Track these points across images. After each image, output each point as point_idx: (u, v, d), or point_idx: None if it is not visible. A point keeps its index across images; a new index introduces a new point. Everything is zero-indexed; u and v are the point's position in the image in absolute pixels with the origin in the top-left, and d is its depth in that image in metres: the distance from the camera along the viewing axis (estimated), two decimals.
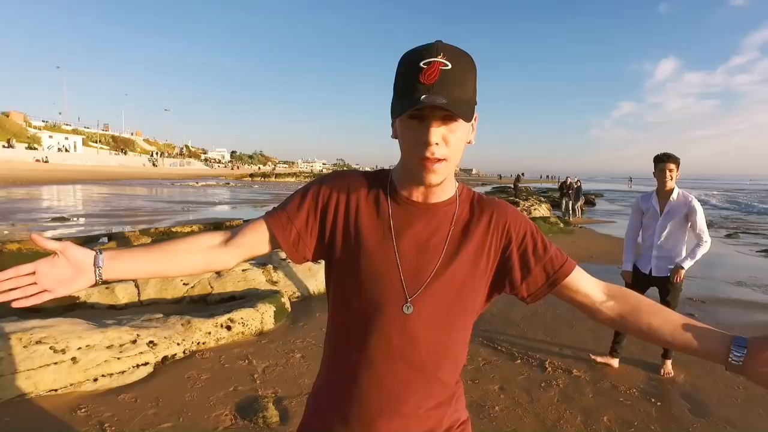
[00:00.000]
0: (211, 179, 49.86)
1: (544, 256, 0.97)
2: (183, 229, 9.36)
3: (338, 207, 0.96)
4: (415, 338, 0.90)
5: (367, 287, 0.91)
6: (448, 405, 0.98)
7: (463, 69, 0.82)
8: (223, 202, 21.97)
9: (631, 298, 0.96)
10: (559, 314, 4.78)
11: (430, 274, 0.91)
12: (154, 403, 2.81)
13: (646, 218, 3.48)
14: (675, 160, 3.30)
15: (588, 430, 2.68)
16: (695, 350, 0.87)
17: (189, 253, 0.96)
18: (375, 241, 0.92)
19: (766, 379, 0.78)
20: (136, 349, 3.19)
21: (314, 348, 3.77)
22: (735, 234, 12.91)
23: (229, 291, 4.91)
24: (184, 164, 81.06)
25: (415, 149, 0.84)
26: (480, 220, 0.96)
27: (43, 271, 0.81)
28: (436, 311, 0.91)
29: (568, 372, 3.44)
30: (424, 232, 0.93)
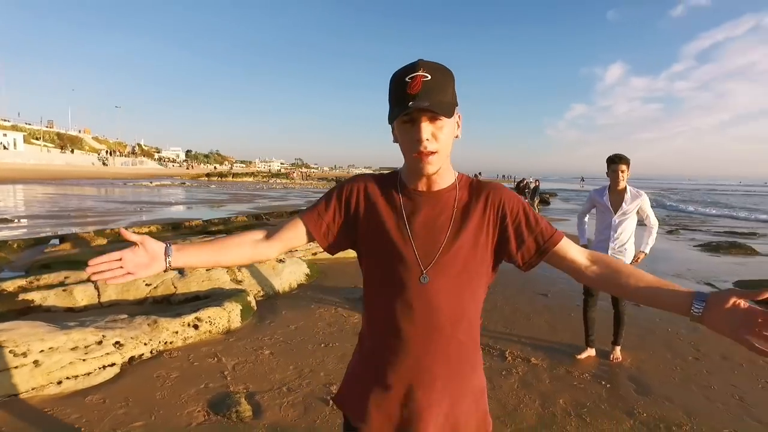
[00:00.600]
0: (165, 179, 48.24)
1: (535, 229, 1.13)
2: (140, 230, 9.10)
3: (359, 202, 1.16)
4: (433, 304, 1.07)
5: (389, 264, 1.09)
6: (469, 366, 1.14)
7: (441, 78, 1.02)
8: (180, 202, 21.37)
9: (611, 263, 1.12)
10: (518, 308, 5.02)
11: (439, 249, 1.08)
12: (123, 403, 2.79)
13: (598, 211, 3.75)
14: (626, 161, 3.54)
15: (546, 412, 2.87)
16: (664, 305, 1.03)
17: (239, 246, 1.16)
18: (391, 226, 1.11)
19: (718, 327, 0.94)
20: (102, 350, 3.14)
21: (282, 345, 3.82)
22: (676, 230, 13.78)
23: (194, 291, 4.86)
24: (137, 163, 77.97)
25: (410, 147, 1.04)
26: (478, 201, 1.13)
27: (128, 257, 1.03)
28: (448, 280, 1.07)
29: (526, 360, 3.64)
30: (430, 215, 1.11)
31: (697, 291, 0.98)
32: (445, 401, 1.10)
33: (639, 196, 3.56)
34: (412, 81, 0.98)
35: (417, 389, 1.09)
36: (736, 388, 3.23)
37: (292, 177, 70.70)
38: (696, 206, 27.27)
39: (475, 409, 1.16)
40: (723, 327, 0.93)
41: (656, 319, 4.66)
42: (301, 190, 38.07)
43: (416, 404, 1.09)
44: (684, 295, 0.99)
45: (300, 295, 5.37)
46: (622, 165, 3.52)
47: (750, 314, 0.89)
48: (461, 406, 1.12)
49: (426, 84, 0.98)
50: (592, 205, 3.85)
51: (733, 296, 0.91)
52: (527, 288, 5.89)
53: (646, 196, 3.61)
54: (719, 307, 0.93)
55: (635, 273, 1.07)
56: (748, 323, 0.89)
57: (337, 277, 6.31)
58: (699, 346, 4.01)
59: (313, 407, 2.83)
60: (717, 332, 0.94)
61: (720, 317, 0.93)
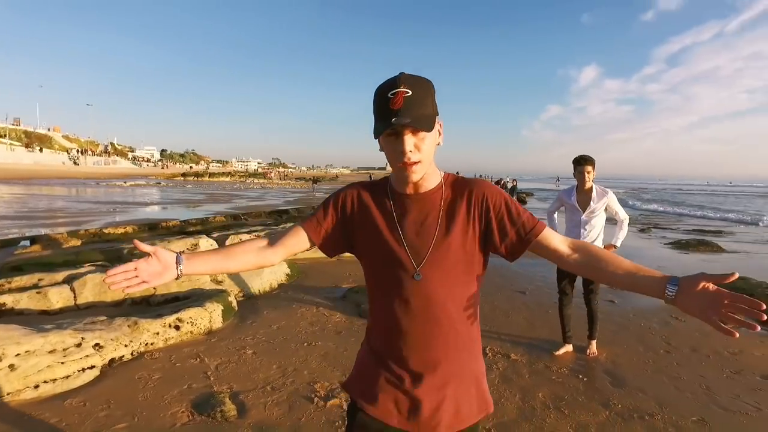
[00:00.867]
0: (140, 179, 47.23)
1: (518, 221, 1.19)
2: (116, 230, 8.91)
3: (354, 208, 1.25)
4: (428, 298, 1.15)
5: (385, 265, 1.18)
6: (468, 351, 1.22)
7: (421, 92, 1.09)
8: (156, 202, 20.96)
9: (592, 250, 1.17)
10: (497, 305, 5.12)
11: (430, 247, 1.16)
12: (105, 405, 2.76)
13: (567, 210, 3.87)
14: (591, 162, 3.65)
15: (526, 406, 2.95)
16: (641, 289, 1.09)
17: (245, 254, 1.25)
18: (384, 229, 1.20)
19: (689, 309, 1.00)
20: (81, 353, 3.09)
21: (265, 344, 3.82)
22: (648, 229, 14.20)
23: (173, 292, 4.80)
24: (110, 163, 76.03)
25: (396, 158, 1.12)
26: (462, 198, 1.20)
27: (142, 267, 1.11)
28: (440, 275, 1.15)
29: (506, 356, 3.73)
30: (419, 216, 1.19)
31: (671, 275, 1.05)
32: (447, 386, 1.18)
33: (605, 195, 3.68)
34: (394, 97, 1.05)
35: (420, 377, 1.17)
36: (703, 378, 3.38)
37: (270, 177, 70.06)
38: (666, 206, 28.09)
39: (476, 392, 1.23)
40: (693, 308, 1.00)
41: (630, 315, 4.82)
42: (278, 190, 37.76)
43: (420, 390, 1.17)
44: (659, 279, 1.05)
45: (281, 295, 5.36)
46: (588, 166, 3.63)
47: (717, 296, 0.96)
48: (462, 389, 1.20)
49: (407, 99, 1.05)
50: (561, 204, 3.96)
51: (703, 280, 0.98)
52: (505, 286, 6.00)
53: (612, 193, 3.73)
54: (690, 290, 1.00)
55: (614, 259, 1.13)
56: (715, 304, 0.96)
57: (318, 277, 6.31)
58: (670, 339, 4.17)
59: (297, 405, 2.85)
60: (688, 313, 1.01)
61: (691, 299, 0.99)
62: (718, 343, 4.11)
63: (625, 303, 5.25)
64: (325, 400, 2.91)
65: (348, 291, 5.53)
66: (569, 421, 2.77)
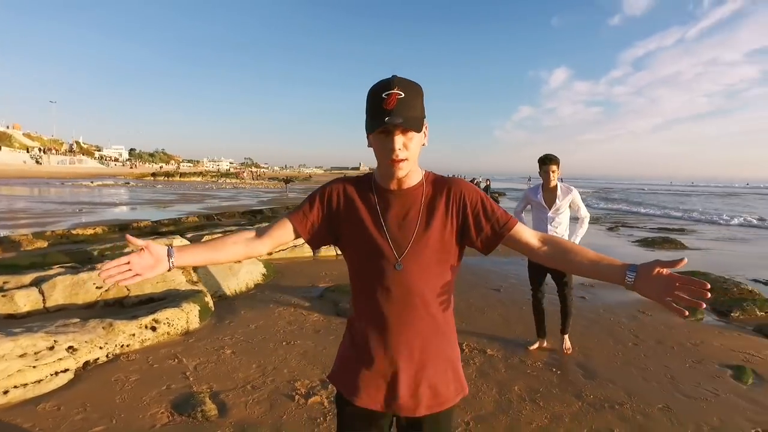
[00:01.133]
0: (108, 178, 45.88)
1: (492, 216, 1.28)
2: (85, 231, 8.66)
3: (339, 202, 1.30)
4: (407, 287, 1.22)
5: (368, 256, 1.25)
6: (444, 337, 1.30)
7: (413, 95, 1.16)
8: (125, 202, 20.40)
9: (559, 243, 1.27)
10: (472, 303, 5.22)
11: (411, 239, 1.23)
12: (80, 408, 2.70)
13: (533, 209, 3.95)
14: (556, 161, 3.75)
15: (502, 399, 3.04)
16: (604, 276, 1.19)
17: (234, 245, 1.30)
18: (368, 222, 1.26)
19: (646, 292, 1.11)
20: (54, 356, 3.02)
21: (244, 344, 3.80)
22: (616, 228, 14.65)
23: (147, 293, 4.72)
24: (75, 162, 73.45)
25: (385, 154, 1.18)
26: (442, 195, 1.28)
27: (135, 260, 1.16)
28: (420, 266, 1.23)
29: (483, 352, 3.82)
30: (401, 210, 1.26)
31: (630, 263, 1.15)
32: (425, 370, 1.25)
33: (570, 192, 3.79)
34: (388, 98, 1.12)
35: (399, 361, 1.24)
36: (668, 369, 3.54)
37: (242, 177, 69.04)
38: (631, 206, 28.99)
39: (452, 376, 1.31)
40: (650, 292, 1.10)
41: (600, 311, 4.99)
42: (251, 190, 37.26)
43: (400, 374, 1.24)
44: (619, 267, 1.16)
45: (258, 295, 5.33)
46: (552, 165, 3.73)
47: (670, 280, 1.06)
48: (440, 373, 1.27)
49: (400, 101, 1.12)
50: (527, 203, 4.04)
51: (657, 266, 1.09)
52: (480, 284, 6.12)
53: (576, 190, 3.85)
54: (647, 276, 1.10)
55: (580, 250, 1.23)
56: (668, 287, 1.06)
57: (294, 277, 6.30)
58: (637, 333, 4.34)
59: (279, 403, 2.86)
60: (646, 296, 1.11)
61: (647, 284, 1.10)
62: (681, 335, 4.31)
63: (595, 299, 5.43)
64: (306, 397, 2.93)
65: (325, 290, 5.54)
66: (544, 412, 2.87)
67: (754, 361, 3.74)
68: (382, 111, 1.12)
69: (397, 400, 1.24)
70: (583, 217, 3.90)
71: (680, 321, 4.77)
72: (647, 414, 2.85)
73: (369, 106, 1.17)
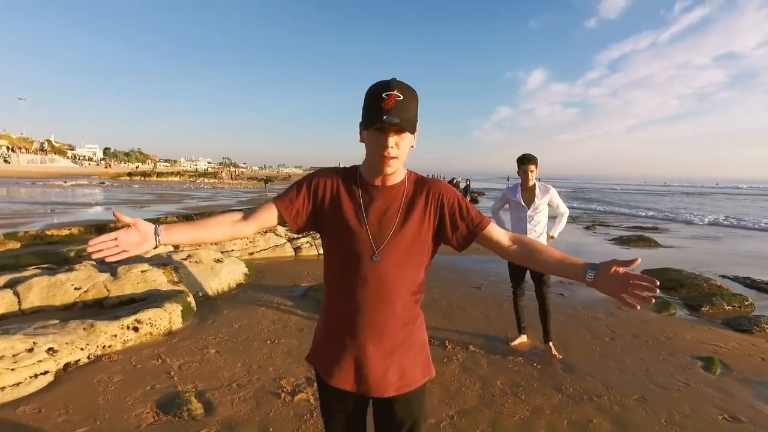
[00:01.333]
0: (82, 178, 44.73)
1: (467, 216, 1.37)
2: (60, 232, 8.46)
3: (325, 192, 1.36)
4: (382, 278, 1.30)
5: (348, 245, 1.31)
6: (412, 325, 1.39)
7: (410, 99, 1.23)
8: (100, 203, 19.93)
9: (527, 242, 1.38)
10: (454, 301, 5.30)
11: (389, 234, 1.31)
12: (62, 410, 2.67)
13: (512, 208, 3.99)
14: (534, 160, 3.80)
15: (485, 393, 3.11)
16: (567, 274, 1.29)
17: (220, 225, 1.34)
18: (351, 214, 1.32)
19: (605, 289, 1.21)
20: (33, 358, 2.97)
21: (228, 343, 3.79)
22: (593, 226, 14.99)
23: (128, 293, 4.66)
24: (47, 161, 71.34)
25: (377, 150, 1.25)
26: (421, 194, 1.36)
27: (122, 237, 1.18)
28: (395, 259, 1.31)
29: (465, 348, 3.89)
30: (383, 205, 1.33)
31: (591, 262, 1.26)
32: (394, 354, 1.34)
33: (548, 191, 3.86)
34: (388, 98, 1.18)
35: (369, 345, 1.32)
36: (643, 361, 3.67)
37: (221, 176, 68.12)
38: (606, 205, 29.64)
39: (420, 359, 1.40)
40: (608, 288, 1.21)
41: (578, 307, 5.12)
42: (230, 190, 36.83)
43: (371, 358, 1.32)
44: (581, 266, 1.27)
45: (240, 295, 5.31)
46: (531, 165, 3.78)
47: (625, 277, 1.18)
48: (407, 356, 1.36)
49: (398, 103, 1.19)
50: (506, 201, 4.08)
51: (614, 265, 1.20)
52: (461, 282, 6.21)
53: (554, 189, 3.90)
54: (605, 273, 1.21)
55: (546, 249, 1.35)
56: (623, 284, 1.18)
57: (276, 277, 6.29)
58: (614, 328, 4.48)
59: (265, 401, 2.87)
60: (603, 292, 1.22)
61: (605, 281, 1.21)
62: (655, 329, 4.46)
63: (573, 296, 5.57)
64: (293, 395, 2.95)
65: (308, 289, 5.54)
66: (526, 405, 2.95)
67: (722, 352, 3.91)
68: (381, 110, 1.18)
69: (367, 382, 1.32)
70: (563, 213, 4.00)
71: (654, 316, 4.94)
72: (624, 405, 2.96)
73: (368, 103, 1.23)
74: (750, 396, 3.14)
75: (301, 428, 2.58)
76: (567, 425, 2.71)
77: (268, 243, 8.02)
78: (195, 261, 5.68)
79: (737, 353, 3.91)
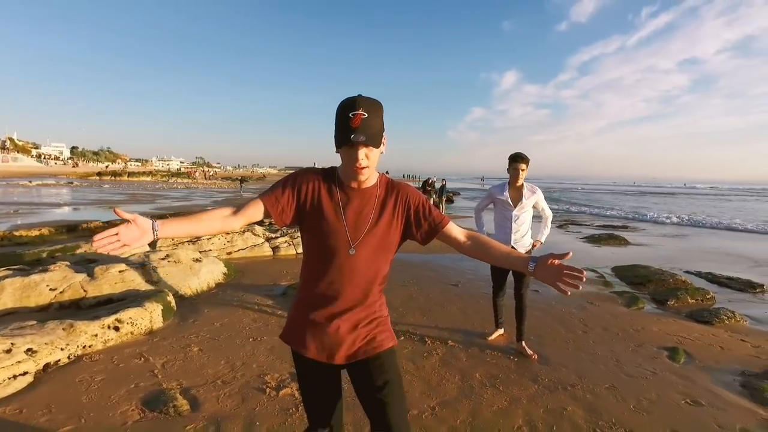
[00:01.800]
0: (48, 178, 43.29)
1: (429, 216, 1.59)
2: (29, 232, 8.24)
3: (308, 191, 1.52)
4: (356, 268, 1.49)
5: (328, 239, 1.48)
6: (376, 305, 1.59)
7: (374, 115, 1.39)
8: (69, 203, 19.35)
9: (479, 239, 1.60)
10: (432, 298, 5.41)
11: (364, 231, 1.50)
12: (45, 410, 2.65)
13: (497, 206, 3.97)
14: (526, 160, 3.81)
15: (465, 385, 3.22)
16: (513, 265, 1.52)
17: (211, 220, 1.46)
18: (330, 212, 1.49)
19: (543, 278, 1.43)
20: (11, 359, 2.93)
21: (210, 341, 3.80)
22: (566, 225, 15.40)
23: (106, 294, 4.60)
24: (9, 160, 68.68)
25: (350, 163, 1.42)
26: (391, 197, 1.56)
27: (123, 232, 1.28)
28: (368, 253, 1.50)
29: (444, 343, 4.00)
30: (359, 205, 1.51)
31: (532, 256, 1.47)
32: (360, 327, 1.53)
33: (535, 192, 3.89)
34: (354, 117, 1.35)
35: (341, 322, 1.50)
36: (613, 353, 3.86)
37: (194, 176, 66.91)
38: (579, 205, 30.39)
39: (384, 329, 1.58)
40: (546, 277, 1.42)
41: (552, 302, 5.30)
42: (204, 190, 36.25)
43: (340, 332, 1.50)
44: (525, 258, 1.49)
45: (220, 294, 5.30)
46: (523, 164, 3.79)
47: (559, 268, 1.40)
48: (371, 328, 1.55)
49: (364, 121, 1.35)
50: (491, 200, 4.05)
51: (551, 258, 1.42)
52: (439, 280, 6.34)
53: (540, 191, 3.94)
54: (543, 265, 1.43)
55: (496, 245, 1.57)
56: (558, 274, 1.40)
57: (255, 276, 6.29)
58: (586, 322, 4.67)
59: (250, 396, 2.91)
60: (543, 281, 1.42)
61: (543, 271, 1.43)
62: (625, 322, 4.67)
63: (547, 292, 5.75)
64: (277, 390, 3.00)
65: (288, 288, 5.57)
66: (504, 395, 3.07)
67: (686, 342, 4.13)
68: (349, 129, 1.35)
69: (340, 352, 1.50)
70: (547, 216, 4.05)
71: (624, 310, 5.16)
72: (596, 393, 3.12)
73: (338, 122, 1.39)
74: (710, 382, 3.35)
75: (287, 421, 2.63)
76: (543, 413, 2.84)
77: (246, 242, 7.99)
78: (173, 261, 5.63)
79: (699, 343, 4.14)
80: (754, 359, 3.80)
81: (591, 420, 2.77)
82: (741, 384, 3.33)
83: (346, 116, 1.35)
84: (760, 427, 2.75)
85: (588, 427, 2.69)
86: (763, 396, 3.12)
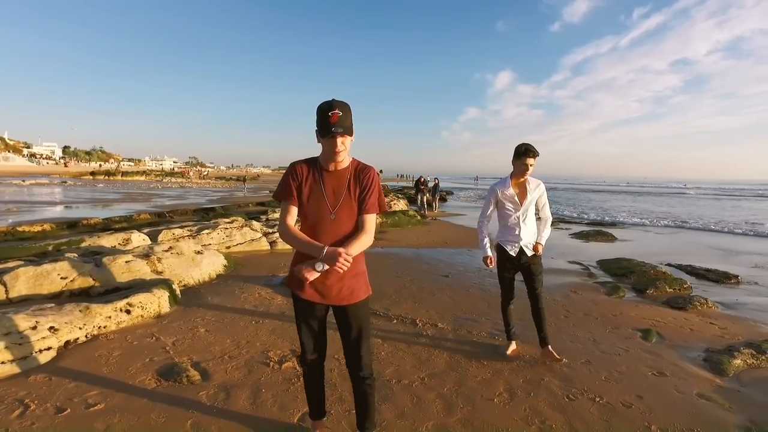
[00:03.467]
0: (42, 177, 43.21)
1: (367, 200, 2.05)
2: (32, 228, 8.45)
3: (300, 176, 2.06)
4: (338, 229, 2.01)
5: (314, 209, 2.03)
6: (356, 259, 2.06)
7: (346, 113, 1.93)
8: (64, 202, 19.48)
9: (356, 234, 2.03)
10: (423, 287, 5.70)
11: (340, 201, 2.02)
12: (71, 378, 2.92)
13: (500, 207, 3.62)
14: (536, 154, 3.42)
15: (452, 360, 3.51)
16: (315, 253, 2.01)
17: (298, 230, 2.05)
18: (315, 189, 2.04)
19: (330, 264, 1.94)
20: (37, 335, 3.19)
21: (216, 323, 4.07)
22: (555, 223, 15.75)
23: (113, 283, 4.85)
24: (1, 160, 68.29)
25: (331, 149, 1.96)
26: (357, 176, 2.07)
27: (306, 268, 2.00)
28: (344, 216, 2.02)
29: (434, 326, 4.29)
30: (335, 183, 2.05)
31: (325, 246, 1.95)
32: (344, 278, 2.03)
33: (539, 185, 3.58)
34: (332, 115, 1.88)
35: (329, 272, 1.96)
36: (591, 334, 4.16)
37: (188, 176, 66.83)
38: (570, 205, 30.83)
39: (362, 282, 2.12)
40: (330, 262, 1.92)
41: None
42: (199, 189, 36.36)
43: (329, 280, 2.01)
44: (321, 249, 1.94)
45: (221, 284, 5.56)
46: (532, 158, 3.42)
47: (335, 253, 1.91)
48: (353, 280, 2.07)
49: (340, 117, 1.89)
50: (495, 201, 3.65)
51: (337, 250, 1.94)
52: (430, 272, 6.63)
53: (543, 185, 3.63)
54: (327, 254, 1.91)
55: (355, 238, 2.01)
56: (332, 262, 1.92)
57: (254, 268, 6.55)
58: (568, 308, 4.97)
59: (256, 369, 3.19)
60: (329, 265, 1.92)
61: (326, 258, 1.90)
62: (605, 308, 4.99)
63: None
64: (280, 363, 3.28)
65: (286, 278, 5.82)
66: (488, 369, 3.36)
67: (659, 325, 4.45)
68: (329, 124, 1.88)
69: (329, 296, 2.04)
70: (547, 218, 3.73)
71: (605, 298, 5.48)
72: (572, 366, 3.42)
73: (320, 119, 1.92)
74: (676, 357, 3.66)
75: (290, 389, 2.92)
76: (522, 383, 3.14)
77: (244, 237, 8.25)
78: (176, 252, 5.88)
79: (671, 326, 4.46)
80: (719, 339, 4.13)
81: (565, 388, 3.07)
82: (704, 359, 3.65)
83: (326, 115, 1.87)
84: (715, 392, 3.07)
85: (562, 394, 2.99)
86: (721, 368, 3.45)
